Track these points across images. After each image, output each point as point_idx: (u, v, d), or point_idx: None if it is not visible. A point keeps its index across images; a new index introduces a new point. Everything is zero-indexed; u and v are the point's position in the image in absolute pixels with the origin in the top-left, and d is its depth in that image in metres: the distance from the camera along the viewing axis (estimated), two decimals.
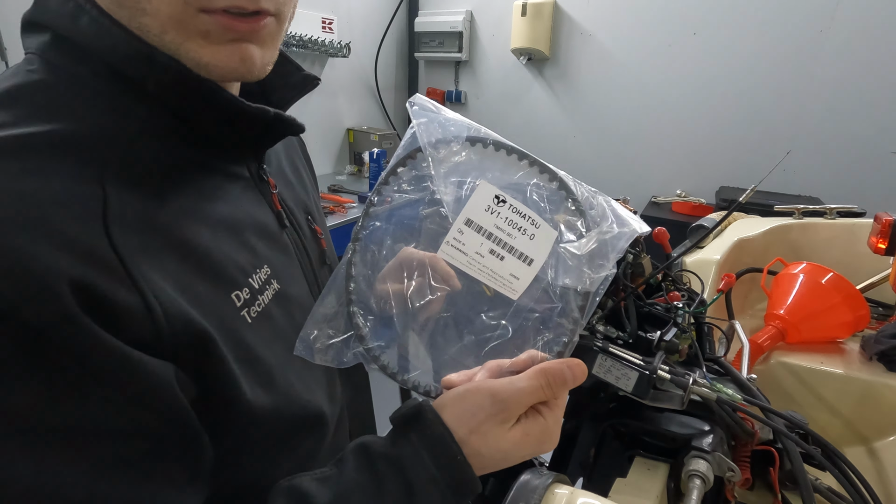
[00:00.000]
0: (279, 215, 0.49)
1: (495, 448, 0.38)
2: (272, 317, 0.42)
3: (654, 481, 0.54)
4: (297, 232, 0.51)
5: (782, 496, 0.58)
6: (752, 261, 1.08)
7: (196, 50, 0.36)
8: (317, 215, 0.58)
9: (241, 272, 0.40)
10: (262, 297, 0.42)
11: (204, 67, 0.37)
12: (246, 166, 0.46)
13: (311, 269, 0.52)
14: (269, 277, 0.43)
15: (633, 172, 2.74)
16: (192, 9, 0.34)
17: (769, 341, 0.90)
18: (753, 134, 2.38)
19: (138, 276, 0.32)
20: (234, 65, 0.37)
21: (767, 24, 2.22)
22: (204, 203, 0.40)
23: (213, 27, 0.35)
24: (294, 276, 0.48)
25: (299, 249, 0.51)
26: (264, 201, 0.47)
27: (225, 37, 0.36)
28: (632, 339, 0.59)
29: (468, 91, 3.16)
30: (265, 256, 0.44)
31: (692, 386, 0.52)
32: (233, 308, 0.38)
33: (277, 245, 0.47)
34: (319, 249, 0.55)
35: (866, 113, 2.14)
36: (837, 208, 1.23)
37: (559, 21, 2.70)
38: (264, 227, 0.46)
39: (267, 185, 0.48)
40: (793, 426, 0.56)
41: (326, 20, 2.57)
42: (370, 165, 2.51)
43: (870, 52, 2.07)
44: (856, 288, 0.90)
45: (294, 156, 0.61)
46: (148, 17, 0.34)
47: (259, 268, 0.42)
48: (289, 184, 0.55)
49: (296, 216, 0.52)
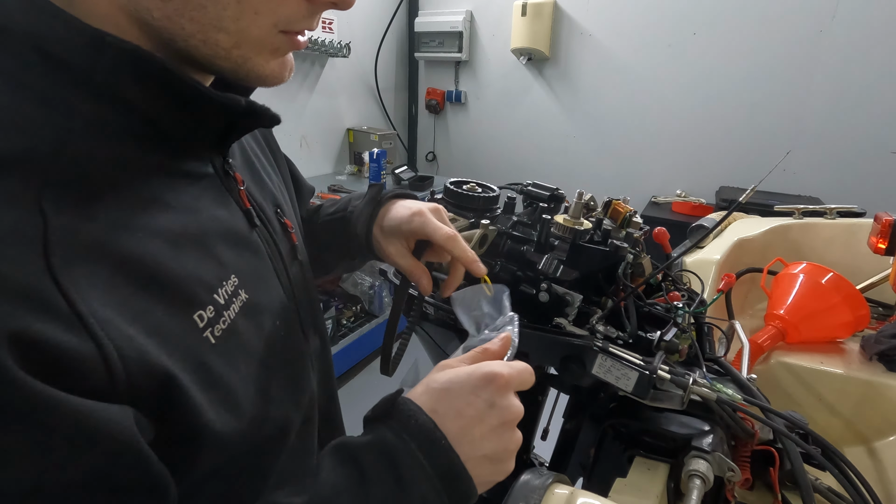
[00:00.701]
0: (248, 213, 0.45)
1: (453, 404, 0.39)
2: (238, 331, 0.39)
3: (654, 481, 0.54)
4: (268, 229, 0.48)
5: (782, 496, 0.58)
6: (752, 261, 1.08)
7: (262, 64, 0.37)
8: (286, 207, 0.54)
9: (206, 288, 0.36)
10: (228, 312, 0.38)
11: (264, 78, 0.38)
12: (210, 162, 0.42)
13: (284, 267, 0.49)
14: (237, 288, 0.40)
15: (633, 172, 2.74)
16: (275, 29, 0.36)
17: (769, 341, 0.90)
18: (753, 134, 2.38)
19: (87, 314, 0.28)
20: (284, 74, 0.40)
21: (767, 24, 2.22)
22: (162, 214, 0.35)
23: (283, 44, 0.38)
24: (265, 279, 0.45)
25: (271, 248, 0.47)
26: (231, 200, 0.44)
27: (287, 51, 0.39)
28: (632, 339, 0.59)
29: (468, 91, 3.16)
30: (232, 265, 0.40)
31: (692, 386, 0.52)
32: (195, 330, 0.35)
33: (247, 247, 0.43)
34: (290, 244, 0.52)
35: (866, 113, 2.14)
36: (837, 208, 1.23)
37: (559, 21, 2.70)
38: (232, 231, 0.42)
39: (234, 181, 0.44)
40: (793, 426, 0.56)
41: (326, 20, 2.57)
42: (370, 165, 2.51)
43: (870, 52, 2.07)
44: (856, 288, 0.90)
45: (260, 143, 0.58)
46: (224, 35, 0.34)
47: (226, 279, 0.39)
48: (257, 177, 0.52)
49: (265, 212, 0.49)
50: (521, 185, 0.74)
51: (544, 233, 0.63)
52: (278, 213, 0.52)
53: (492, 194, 0.73)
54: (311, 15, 0.38)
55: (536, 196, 0.71)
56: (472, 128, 3.24)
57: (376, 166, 2.49)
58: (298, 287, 0.52)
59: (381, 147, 2.76)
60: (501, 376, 0.40)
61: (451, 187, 0.72)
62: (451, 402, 0.39)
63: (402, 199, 0.60)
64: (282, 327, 0.45)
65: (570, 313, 0.59)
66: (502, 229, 0.67)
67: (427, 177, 2.77)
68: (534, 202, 0.72)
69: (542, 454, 0.85)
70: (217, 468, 0.37)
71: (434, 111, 3.29)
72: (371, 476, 0.36)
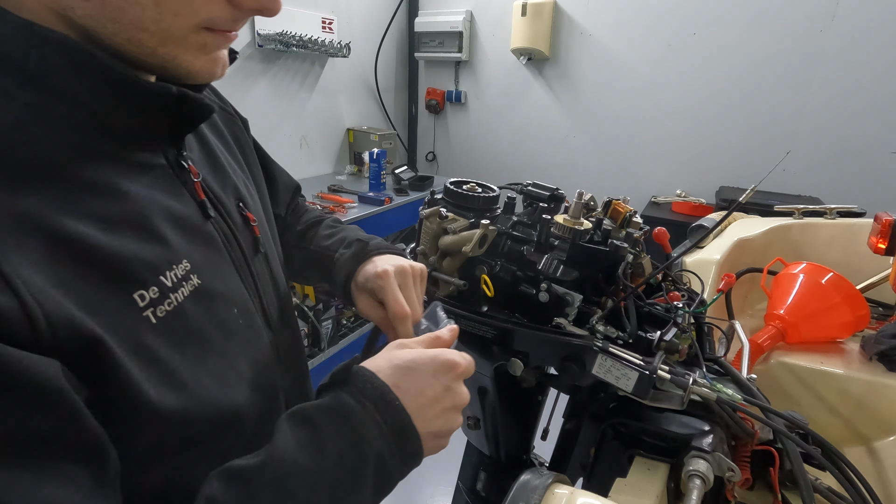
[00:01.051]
0: (202, 205, 0.46)
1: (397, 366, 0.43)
2: (186, 315, 0.40)
3: (654, 481, 0.54)
4: (226, 221, 0.49)
5: (782, 496, 0.58)
6: (752, 261, 1.08)
7: (190, 60, 0.39)
8: (250, 202, 0.55)
9: (150, 270, 0.38)
10: (176, 294, 0.39)
11: (194, 74, 0.40)
12: (162, 154, 0.44)
13: (244, 259, 0.50)
14: (188, 273, 0.41)
15: (633, 172, 2.74)
16: (198, 27, 0.37)
17: (769, 341, 0.90)
18: (753, 134, 2.38)
19: (11, 275, 0.29)
20: (218, 70, 0.42)
21: (767, 24, 2.22)
22: (106, 199, 0.37)
23: (211, 41, 0.39)
24: (220, 267, 0.46)
25: (228, 239, 0.48)
26: (184, 191, 0.45)
27: (216, 48, 0.40)
28: (632, 339, 0.59)
29: (468, 91, 3.16)
30: (184, 251, 0.41)
31: (692, 386, 0.52)
32: (133, 308, 0.36)
33: (200, 236, 0.45)
34: (252, 237, 0.53)
35: (866, 113, 2.14)
36: (837, 208, 1.23)
37: (559, 21, 2.70)
38: (184, 219, 0.43)
39: (188, 173, 0.46)
40: (793, 426, 0.56)
41: (326, 20, 2.57)
42: (370, 165, 2.51)
43: (870, 52, 2.07)
44: (856, 288, 0.90)
45: (226, 140, 0.59)
46: (147, 34, 0.36)
47: (176, 263, 0.40)
48: (218, 171, 0.53)
49: (224, 204, 0.50)
50: (521, 185, 0.74)
51: (544, 233, 0.63)
52: (240, 206, 0.53)
53: (492, 194, 0.73)
54: (236, 18, 0.39)
55: (536, 196, 0.71)
56: (472, 128, 3.24)
57: (376, 166, 2.49)
58: (263, 279, 0.53)
59: (381, 147, 2.76)
60: (460, 365, 0.45)
61: (451, 187, 0.72)
62: (415, 380, 0.43)
63: (384, 255, 0.63)
64: (240, 316, 0.47)
65: (570, 313, 0.59)
66: (502, 229, 0.67)
67: (427, 177, 2.77)
68: (534, 202, 0.72)
69: (542, 454, 0.85)
70: (164, 445, 0.38)
71: (434, 111, 3.29)
72: (327, 433, 0.39)
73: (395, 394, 0.41)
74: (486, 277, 0.64)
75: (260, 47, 2.27)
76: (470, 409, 0.80)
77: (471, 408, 0.79)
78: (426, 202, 0.74)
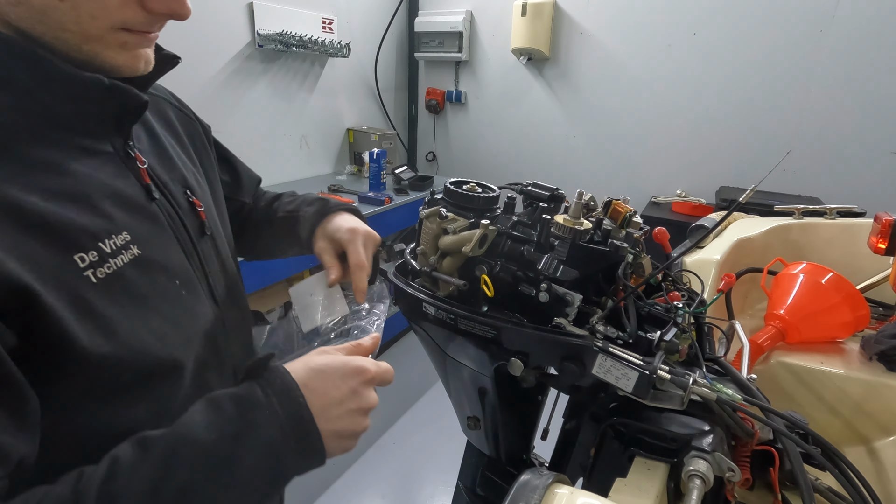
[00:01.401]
0: (147, 188, 0.52)
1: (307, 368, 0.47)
2: (126, 278, 0.46)
3: (654, 481, 0.54)
4: (171, 204, 0.55)
5: (782, 496, 0.58)
6: (752, 261, 1.08)
7: (113, 56, 0.45)
8: (198, 190, 0.62)
9: (89, 237, 0.43)
10: (115, 260, 0.45)
11: (118, 68, 0.45)
12: (109, 142, 0.50)
13: (189, 240, 0.57)
14: (128, 244, 0.47)
15: (633, 172, 2.74)
16: (114, 28, 0.43)
17: (769, 341, 0.90)
18: (753, 134, 2.38)
19: None
20: (140, 65, 0.47)
21: (767, 24, 2.22)
22: (52, 175, 0.43)
23: (131, 40, 0.45)
24: (163, 243, 0.52)
25: (173, 220, 0.54)
26: (130, 175, 0.51)
27: (137, 45, 0.46)
28: (632, 340, 0.59)
29: (468, 91, 3.16)
30: (125, 224, 0.47)
31: (692, 386, 0.52)
32: (74, 268, 0.42)
33: (144, 215, 0.51)
34: (199, 221, 0.59)
35: (866, 113, 2.14)
36: (837, 208, 1.23)
37: (559, 21, 2.70)
38: (128, 199, 0.49)
39: (134, 160, 0.52)
40: (793, 426, 0.56)
41: (326, 20, 2.57)
42: (370, 165, 2.51)
43: (870, 52, 2.08)
44: (856, 288, 0.90)
45: (178, 136, 0.66)
46: (70, 34, 0.42)
47: (115, 234, 0.46)
48: (167, 160, 0.59)
49: (170, 189, 0.56)
50: (521, 185, 0.74)
51: (544, 233, 0.63)
52: (187, 193, 0.59)
53: (492, 194, 0.73)
54: (150, 21, 0.45)
55: (536, 196, 0.71)
56: (472, 128, 3.24)
57: (376, 166, 2.49)
58: (209, 259, 0.60)
59: (381, 147, 2.76)
60: (369, 371, 0.50)
61: (451, 187, 0.72)
62: (323, 381, 0.47)
63: (345, 214, 0.76)
64: (182, 287, 0.53)
65: (570, 313, 0.59)
66: (502, 229, 0.67)
67: (427, 177, 2.77)
68: (534, 202, 0.72)
69: (542, 454, 0.85)
70: (98, 387, 0.43)
71: (434, 111, 3.30)
72: (228, 415, 0.43)
73: (301, 391, 0.45)
74: (486, 277, 0.64)
75: (260, 47, 2.27)
76: (470, 409, 0.80)
77: (471, 408, 0.79)
78: (426, 202, 0.74)
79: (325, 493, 1.87)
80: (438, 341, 0.72)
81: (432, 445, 2.11)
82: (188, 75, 2.03)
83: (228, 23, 2.15)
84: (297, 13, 2.41)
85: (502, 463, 0.83)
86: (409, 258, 0.74)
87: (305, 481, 1.92)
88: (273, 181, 2.53)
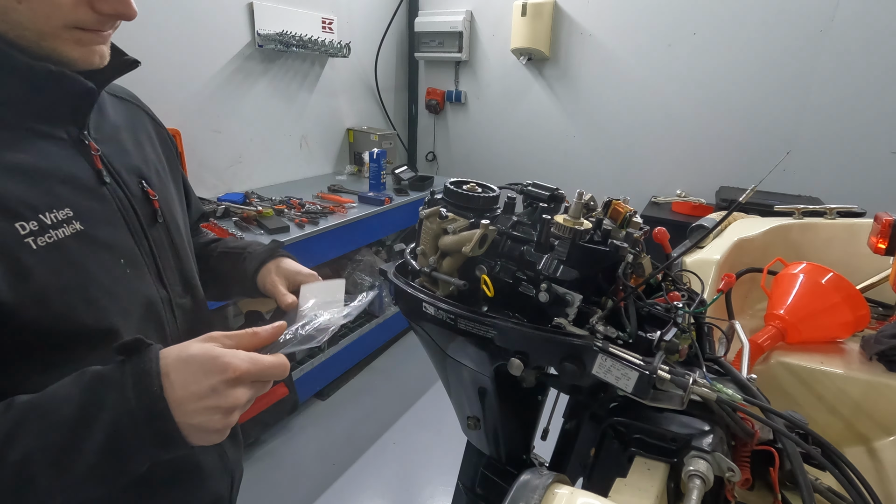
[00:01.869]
0: (99, 173, 0.57)
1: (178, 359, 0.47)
2: (66, 249, 0.50)
3: (654, 481, 0.54)
4: (123, 190, 0.60)
5: (782, 496, 0.58)
6: (752, 261, 1.08)
7: (69, 51, 0.50)
8: (155, 181, 0.66)
9: (30, 209, 0.48)
10: (57, 231, 0.50)
11: (73, 62, 0.50)
12: (63, 129, 0.55)
13: (139, 223, 0.61)
14: (70, 218, 0.51)
15: (633, 172, 2.74)
16: (67, 26, 0.48)
17: (769, 341, 0.90)
18: (753, 134, 2.38)
19: None
20: (95, 59, 0.52)
21: (767, 24, 2.22)
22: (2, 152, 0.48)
23: (84, 37, 0.50)
24: (111, 223, 0.57)
25: (123, 204, 0.59)
26: (82, 160, 0.56)
27: (92, 42, 0.51)
28: (632, 339, 0.58)
29: (468, 91, 3.16)
30: (69, 201, 0.52)
31: (692, 386, 0.52)
32: (16, 234, 0.47)
33: (93, 195, 0.55)
34: (151, 209, 0.64)
35: (866, 113, 2.14)
36: (837, 208, 1.23)
37: (559, 21, 2.70)
38: (77, 180, 0.54)
39: (87, 147, 0.57)
40: (793, 426, 0.56)
41: (326, 20, 2.57)
42: (370, 165, 2.51)
43: (870, 53, 2.08)
44: (856, 288, 0.90)
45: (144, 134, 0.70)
46: (29, 32, 0.47)
47: (58, 209, 0.51)
48: (123, 151, 0.63)
49: (122, 177, 0.60)
50: (521, 185, 0.74)
51: (544, 233, 0.63)
52: (142, 183, 0.64)
53: (492, 194, 0.73)
54: (101, 21, 0.50)
55: (536, 196, 0.71)
56: (472, 128, 3.24)
57: (376, 166, 2.49)
58: (160, 245, 0.64)
59: (381, 147, 2.76)
60: (236, 369, 0.47)
61: (451, 187, 0.72)
62: (184, 374, 0.46)
63: (293, 260, 0.80)
64: (127, 266, 0.58)
65: (570, 313, 0.59)
66: (502, 229, 0.67)
67: (427, 177, 2.77)
68: (534, 202, 0.72)
69: (542, 454, 0.85)
70: (28, 345, 0.48)
71: (434, 111, 3.30)
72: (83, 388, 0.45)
73: (160, 380, 0.45)
74: (486, 277, 0.64)
75: (260, 47, 2.27)
76: (470, 409, 0.80)
77: (471, 408, 0.79)
78: (426, 202, 0.74)
79: (324, 493, 1.87)
80: (438, 341, 0.72)
81: (432, 445, 2.11)
82: (188, 75, 2.03)
83: (228, 23, 2.15)
84: (297, 13, 2.41)
85: (502, 463, 0.83)
86: (409, 258, 0.74)
87: (305, 481, 1.93)
88: (273, 181, 2.53)
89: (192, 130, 2.06)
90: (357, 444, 2.11)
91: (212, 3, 2.05)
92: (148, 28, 1.85)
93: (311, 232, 1.94)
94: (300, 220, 1.98)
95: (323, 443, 2.12)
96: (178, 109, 2.01)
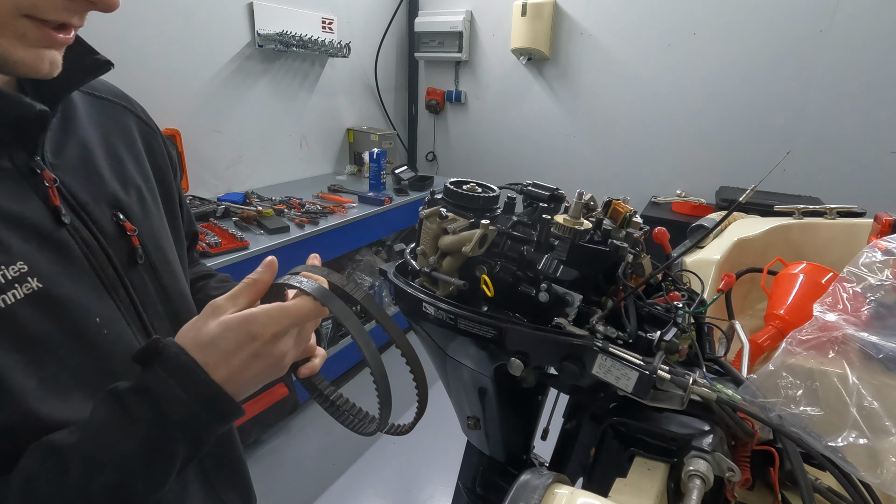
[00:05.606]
0: (56, 211, 0.44)
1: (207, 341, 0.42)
2: (16, 317, 0.39)
3: (654, 481, 0.54)
4: (89, 229, 0.47)
5: (782, 496, 0.58)
6: (752, 261, 1.08)
7: (8, 48, 0.37)
8: (135, 210, 0.53)
9: None
10: (5, 295, 0.38)
11: (12, 64, 0.38)
12: (7, 157, 0.42)
13: (114, 269, 0.49)
14: (25, 275, 0.40)
15: (633, 172, 2.74)
16: (17, 13, 0.36)
17: (769, 341, 0.90)
18: (753, 134, 2.38)
19: None
20: (44, 67, 0.39)
21: (767, 24, 2.23)
22: None
23: (32, 32, 0.37)
24: (75, 275, 0.45)
25: (91, 248, 0.47)
26: (33, 195, 0.43)
27: (40, 42, 0.38)
28: (632, 339, 0.58)
29: (468, 91, 3.16)
30: (21, 253, 0.40)
31: (692, 386, 0.52)
32: None
33: (49, 242, 0.43)
34: (129, 248, 0.51)
35: (866, 113, 2.14)
36: (837, 208, 1.23)
37: (559, 21, 2.70)
38: (25, 222, 0.42)
39: (40, 177, 0.44)
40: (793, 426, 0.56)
41: (326, 20, 2.57)
42: (370, 165, 2.51)
43: (870, 52, 2.08)
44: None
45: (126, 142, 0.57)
46: None
47: (7, 264, 0.39)
48: (92, 176, 0.50)
49: (89, 212, 0.48)
50: (521, 185, 0.74)
51: (544, 233, 0.63)
52: (117, 216, 0.51)
53: (492, 194, 0.73)
54: (66, 8, 0.38)
55: (536, 196, 0.71)
56: (472, 128, 3.24)
57: (376, 166, 2.49)
58: (143, 292, 0.52)
59: (381, 147, 2.76)
60: (264, 334, 0.43)
61: (451, 187, 0.72)
62: (219, 355, 0.42)
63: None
64: (104, 326, 0.46)
65: (570, 313, 0.59)
66: (502, 229, 0.67)
67: (427, 177, 2.77)
68: (534, 202, 0.72)
69: (542, 454, 0.85)
70: None
71: (434, 111, 3.30)
72: (134, 412, 0.40)
73: (201, 368, 0.41)
74: (486, 277, 0.64)
75: (260, 47, 2.27)
76: (470, 409, 0.80)
77: (471, 408, 0.79)
78: (426, 202, 0.74)
79: (325, 493, 1.87)
80: (438, 341, 0.72)
81: (432, 445, 2.11)
82: (188, 75, 2.03)
83: (228, 23, 2.15)
84: (297, 13, 2.41)
85: (502, 463, 0.83)
86: (409, 258, 0.74)
87: (305, 481, 1.92)
88: (273, 181, 2.53)
89: (192, 130, 2.06)
90: (357, 444, 2.10)
91: (212, 3, 2.05)
92: (147, 28, 1.86)
93: (311, 232, 1.94)
94: (300, 220, 1.99)
95: (323, 443, 2.12)
96: (178, 109, 2.01)
